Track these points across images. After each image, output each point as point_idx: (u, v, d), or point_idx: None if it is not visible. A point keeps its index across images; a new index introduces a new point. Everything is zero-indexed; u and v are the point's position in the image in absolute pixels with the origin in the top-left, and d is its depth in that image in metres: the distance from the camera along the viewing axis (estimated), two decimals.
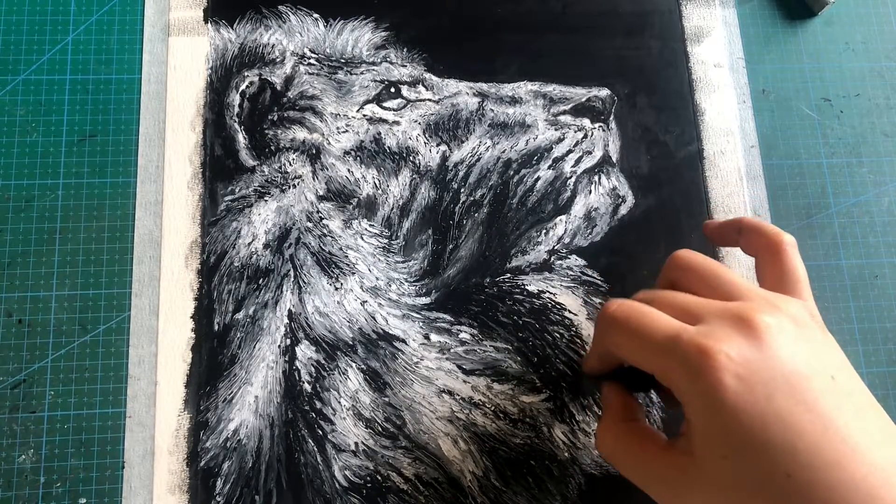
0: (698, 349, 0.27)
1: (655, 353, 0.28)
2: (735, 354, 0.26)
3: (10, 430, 0.37)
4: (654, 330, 0.28)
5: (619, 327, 0.30)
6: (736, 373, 0.26)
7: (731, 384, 0.26)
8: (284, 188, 0.41)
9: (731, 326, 0.27)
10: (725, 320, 0.28)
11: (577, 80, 0.44)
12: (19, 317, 0.39)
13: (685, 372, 0.27)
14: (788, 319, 0.28)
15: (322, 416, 0.38)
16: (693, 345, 0.27)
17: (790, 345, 0.27)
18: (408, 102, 0.43)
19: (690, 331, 0.27)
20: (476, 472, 0.37)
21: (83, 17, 0.44)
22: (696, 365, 0.26)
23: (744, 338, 0.27)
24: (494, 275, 0.41)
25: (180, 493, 0.36)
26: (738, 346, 0.27)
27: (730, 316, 0.28)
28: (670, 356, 0.27)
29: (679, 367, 0.27)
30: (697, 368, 0.26)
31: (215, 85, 0.43)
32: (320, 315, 0.39)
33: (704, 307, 0.29)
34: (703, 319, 0.28)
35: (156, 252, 0.40)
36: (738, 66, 0.46)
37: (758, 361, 0.26)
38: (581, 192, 0.42)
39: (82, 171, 0.41)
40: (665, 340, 0.28)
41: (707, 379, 0.26)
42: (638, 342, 0.29)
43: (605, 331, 0.31)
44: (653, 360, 0.29)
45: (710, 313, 0.28)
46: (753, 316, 0.27)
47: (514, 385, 0.39)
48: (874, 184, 0.45)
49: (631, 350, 0.30)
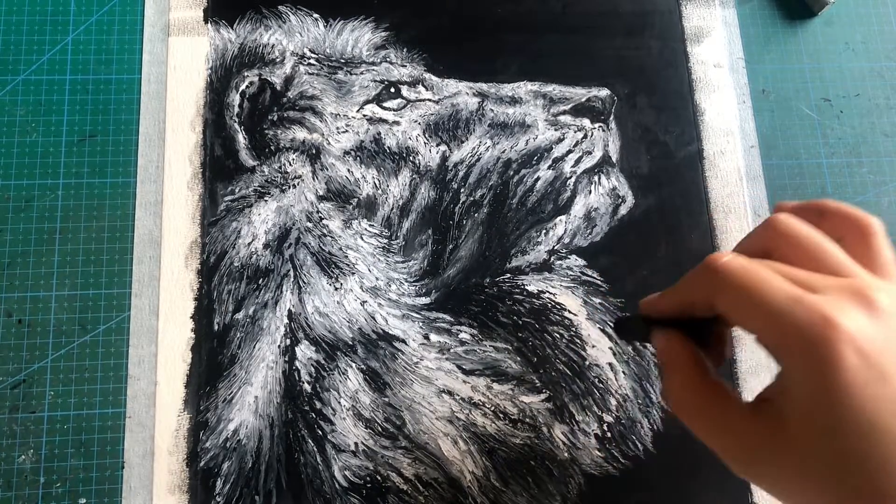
0: (822, 317, 0.25)
1: (770, 315, 0.26)
2: (858, 329, 0.25)
3: (10, 430, 0.37)
4: (773, 290, 0.27)
5: (731, 281, 0.28)
6: (857, 348, 0.25)
7: (851, 359, 0.25)
8: (284, 188, 0.41)
9: (852, 300, 0.26)
10: (845, 293, 0.26)
11: (577, 80, 0.44)
12: (19, 317, 0.39)
13: (802, 339, 0.26)
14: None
15: (322, 417, 0.38)
16: (817, 311, 0.25)
17: None
18: (408, 102, 0.43)
19: (812, 298, 0.26)
20: (476, 472, 0.37)
21: (83, 17, 0.44)
22: (817, 333, 0.25)
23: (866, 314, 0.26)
24: (494, 275, 0.41)
25: (180, 493, 0.36)
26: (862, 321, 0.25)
27: (850, 291, 0.26)
28: (787, 319, 0.26)
29: (796, 332, 0.26)
30: (818, 337, 0.25)
31: (215, 85, 0.43)
32: (320, 315, 0.39)
33: (819, 280, 0.27)
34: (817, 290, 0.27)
35: (156, 252, 0.40)
36: (738, 66, 0.46)
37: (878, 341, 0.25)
38: (581, 192, 0.42)
39: (82, 171, 0.41)
40: (786, 302, 0.26)
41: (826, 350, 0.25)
42: (751, 301, 0.27)
43: (711, 283, 0.29)
44: (765, 322, 0.27)
45: (826, 286, 0.27)
46: (874, 294, 0.26)
47: (514, 385, 0.39)
48: (874, 184, 0.45)
49: (741, 307, 0.28)
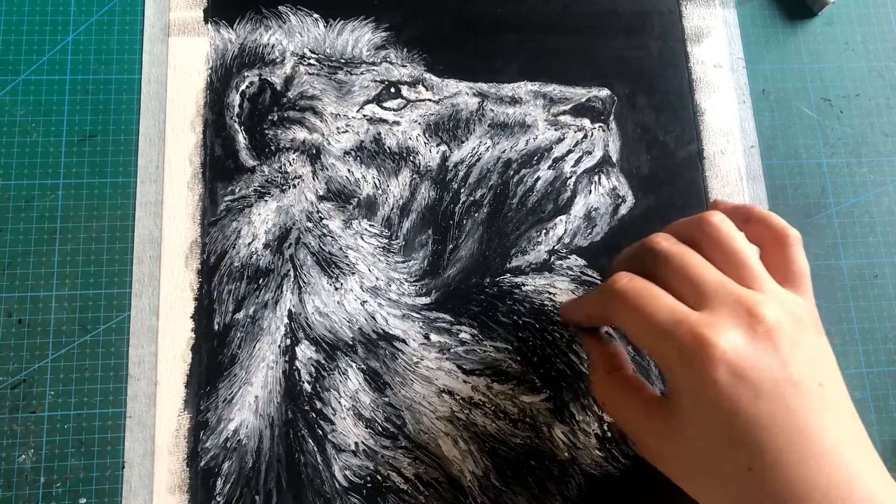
0: (696, 338, 0.27)
1: (654, 335, 0.29)
2: (732, 348, 0.27)
3: (10, 430, 0.37)
4: (657, 311, 0.29)
5: (624, 302, 0.30)
6: (729, 367, 0.27)
7: (722, 378, 0.26)
8: (284, 188, 0.41)
9: (735, 316, 0.28)
10: (733, 308, 0.28)
11: (577, 80, 0.44)
12: (19, 317, 0.39)
13: (679, 357, 0.27)
14: (791, 319, 0.28)
15: (322, 416, 0.38)
16: (692, 333, 0.27)
17: (788, 348, 0.27)
18: (408, 102, 0.43)
19: (693, 318, 0.28)
20: (476, 472, 0.37)
21: (83, 17, 0.44)
22: (691, 353, 0.27)
23: (746, 332, 0.27)
24: (494, 275, 0.41)
25: (180, 493, 0.36)
26: (738, 341, 0.27)
27: (739, 306, 0.28)
28: (668, 340, 0.28)
29: (674, 351, 0.28)
30: (692, 357, 0.27)
31: (215, 85, 0.43)
32: (320, 315, 0.39)
33: (717, 289, 0.29)
34: (710, 305, 0.28)
35: (156, 252, 0.40)
36: (738, 66, 0.46)
37: (753, 360, 0.27)
38: (581, 192, 0.42)
39: (82, 171, 0.41)
40: (667, 324, 0.28)
41: (699, 368, 0.27)
42: (640, 321, 0.29)
43: (609, 301, 0.31)
44: (651, 341, 0.29)
45: (719, 299, 0.28)
46: (761, 311, 0.28)
47: (514, 385, 0.39)
48: (874, 184, 0.45)
49: (631, 326, 0.30)
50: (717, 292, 0.29)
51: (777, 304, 0.28)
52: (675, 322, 0.28)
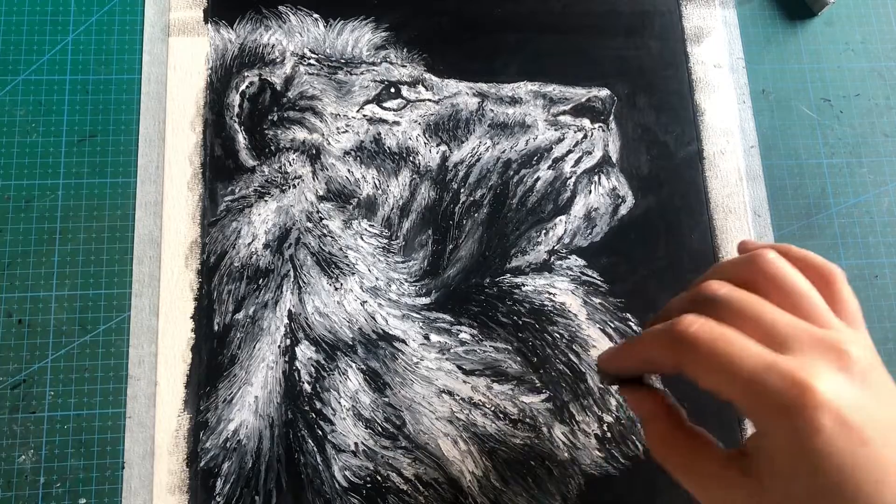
0: (797, 384, 0.25)
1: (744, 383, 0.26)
2: (834, 393, 0.25)
3: (10, 430, 0.37)
4: (742, 357, 0.26)
5: (701, 349, 0.27)
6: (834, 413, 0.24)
7: (828, 425, 0.24)
8: (284, 188, 0.41)
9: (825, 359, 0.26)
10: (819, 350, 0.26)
11: (577, 80, 0.44)
12: (19, 317, 0.39)
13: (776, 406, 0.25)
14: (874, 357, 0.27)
15: (322, 417, 0.38)
16: (791, 379, 0.25)
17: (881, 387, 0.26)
18: (408, 103, 0.43)
19: (784, 363, 0.25)
20: (476, 473, 0.37)
21: (83, 17, 0.44)
22: (790, 400, 0.25)
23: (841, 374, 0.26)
24: (494, 275, 0.41)
25: (180, 493, 0.36)
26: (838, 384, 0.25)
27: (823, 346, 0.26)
28: (761, 387, 0.25)
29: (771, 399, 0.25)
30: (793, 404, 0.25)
31: (215, 85, 0.43)
32: (320, 315, 0.39)
33: (794, 332, 0.27)
34: (792, 347, 0.26)
35: (156, 252, 0.40)
36: (738, 67, 0.46)
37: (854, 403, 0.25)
38: (581, 192, 0.42)
39: (82, 171, 0.41)
40: (756, 371, 0.26)
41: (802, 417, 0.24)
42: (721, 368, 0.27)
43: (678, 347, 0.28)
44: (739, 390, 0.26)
45: (801, 341, 0.26)
46: (850, 350, 0.26)
47: (514, 385, 0.39)
48: (874, 184, 0.45)
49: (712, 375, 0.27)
50: (795, 335, 0.27)
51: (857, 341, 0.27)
52: (765, 367, 0.25)
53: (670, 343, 0.29)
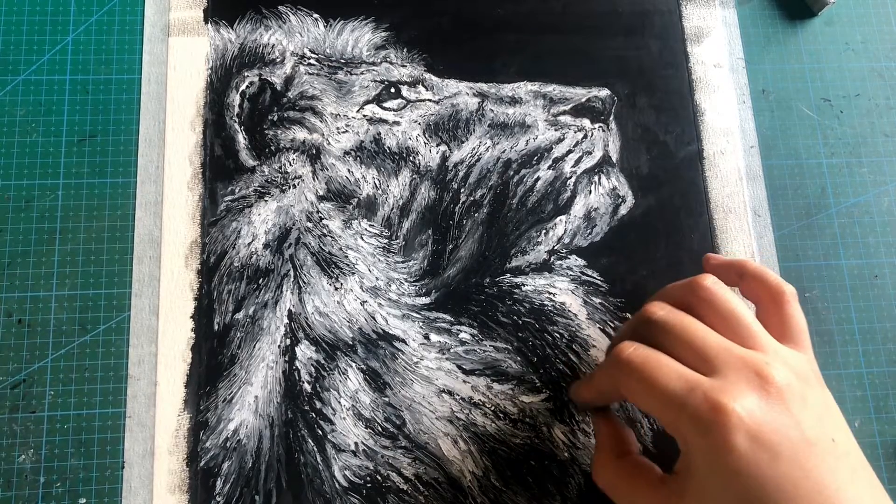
0: (712, 405, 0.26)
1: (667, 404, 0.28)
2: (748, 414, 0.26)
3: (10, 430, 0.37)
4: (668, 380, 0.28)
5: (632, 372, 0.29)
6: (747, 432, 0.26)
7: (741, 444, 0.26)
8: (284, 188, 0.41)
9: (746, 381, 0.27)
10: (742, 372, 0.28)
11: (577, 80, 0.44)
12: (19, 317, 0.39)
13: (695, 426, 0.27)
14: (797, 378, 0.28)
15: (322, 416, 0.38)
16: (707, 400, 0.27)
17: (799, 407, 0.27)
18: (408, 103, 0.43)
19: (705, 384, 0.27)
20: (476, 472, 0.37)
21: (83, 17, 0.44)
22: (707, 420, 0.26)
23: (759, 396, 0.27)
24: (494, 275, 0.41)
25: (180, 493, 0.36)
26: (753, 405, 0.27)
27: (747, 369, 0.28)
28: (682, 409, 0.27)
29: (689, 420, 0.27)
30: (708, 424, 0.26)
31: (215, 85, 0.43)
32: (320, 315, 0.39)
33: (722, 354, 0.28)
34: (718, 369, 0.28)
35: (156, 252, 0.40)
36: (738, 67, 0.46)
37: (769, 423, 0.26)
38: (581, 192, 0.42)
39: (82, 172, 0.41)
40: (679, 392, 0.28)
41: (717, 436, 0.26)
42: (650, 390, 0.29)
43: (617, 373, 0.30)
44: (663, 410, 0.28)
45: (726, 362, 0.28)
46: (770, 373, 0.27)
47: (514, 385, 0.39)
48: (874, 184, 0.45)
49: (642, 396, 0.29)
50: (721, 356, 0.28)
51: (783, 364, 0.28)
52: (688, 389, 0.27)
53: (612, 367, 0.31)
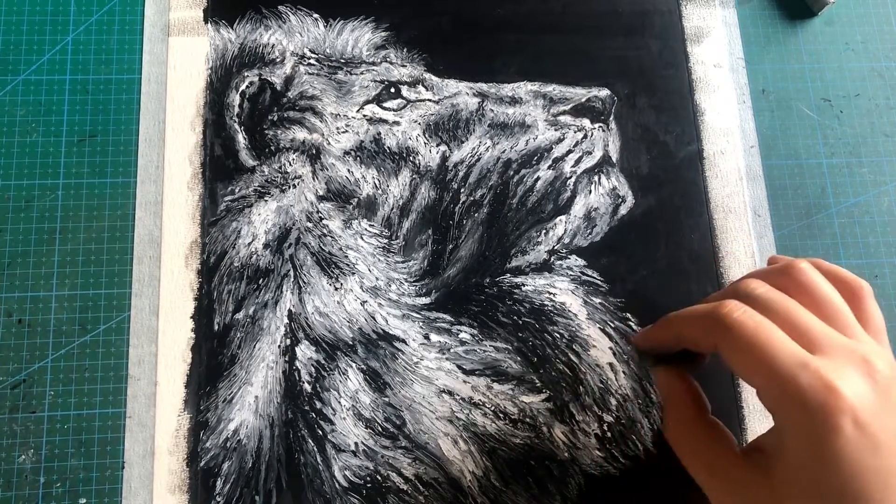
0: (825, 384, 0.26)
1: (775, 376, 0.27)
2: (858, 399, 0.26)
3: (10, 430, 0.37)
4: (781, 352, 0.27)
5: (741, 336, 0.28)
6: (855, 417, 0.25)
7: (848, 428, 0.25)
8: (284, 188, 0.41)
9: (855, 367, 0.27)
10: (849, 357, 0.27)
11: (577, 80, 0.44)
12: (19, 317, 0.39)
13: (803, 404, 0.26)
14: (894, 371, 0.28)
15: (322, 416, 0.38)
16: (820, 379, 0.26)
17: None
18: (408, 103, 0.43)
19: (818, 362, 0.27)
20: (476, 472, 0.37)
21: (83, 17, 0.44)
22: (819, 400, 0.26)
23: (867, 383, 0.26)
24: (494, 275, 0.41)
25: (180, 493, 0.36)
26: (863, 391, 0.26)
27: (853, 355, 0.27)
28: (792, 384, 0.26)
29: (798, 396, 0.26)
30: (820, 405, 0.26)
31: (215, 85, 0.43)
32: (320, 315, 0.39)
33: (828, 339, 0.28)
34: (824, 350, 0.27)
35: (156, 252, 0.40)
36: (738, 66, 0.46)
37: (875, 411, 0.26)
38: (581, 192, 0.42)
39: (82, 171, 0.41)
40: (791, 366, 0.27)
41: (826, 417, 0.25)
42: (760, 358, 0.27)
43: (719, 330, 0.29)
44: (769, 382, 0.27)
45: (832, 346, 0.27)
46: (876, 362, 0.27)
47: (514, 385, 0.39)
48: (874, 184, 0.45)
49: (745, 362, 0.28)
50: (827, 340, 0.28)
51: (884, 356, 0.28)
52: (801, 365, 0.26)
53: (713, 324, 0.29)
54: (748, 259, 0.42)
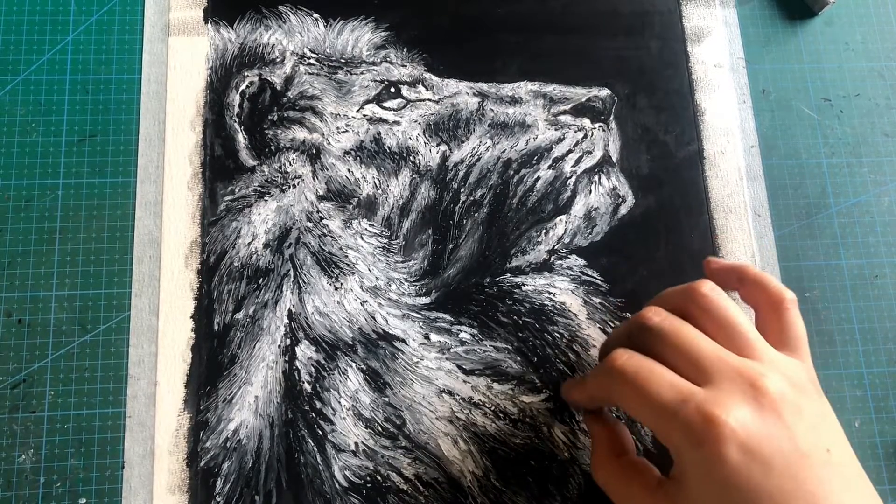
0: (705, 417, 0.26)
1: (660, 414, 0.28)
2: (741, 426, 0.26)
3: (10, 430, 0.37)
4: (661, 390, 0.28)
5: (625, 381, 0.29)
6: (739, 445, 0.26)
7: (733, 456, 0.26)
8: (284, 188, 0.41)
9: (740, 392, 0.27)
10: (735, 383, 0.27)
11: (577, 80, 0.44)
12: (19, 317, 0.39)
13: (687, 437, 0.27)
14: (792, 387, 0.28)
15: (322, 416, 0.38)
16: (700, 412, 0.27)
17: (792, 418, 0.27)
18: (408, 102, 0.43)
19: (698, 396, 0.27)
20: (476, 472, 0.37)
21: (83, 17, 0.44)
22: (700, 432, 0.26)
23: (752, 407, 0.27)
24: (494, 275, 0.41)
25: (180, 493, 0.36)
26: (746, 417, 0.26)
27: (741, 379, 0.27)
28: (674, 419, 0.27)
29: (682, 431, 0.27)
30: (701, 436, 0.26)
31: (215, 85, 0.43)
32: (320, 315, 0.39)
33: (717, 363, 0.28)
34: (712, 379, 0.28)
35: (156, 252, 0.40)
36: (738, 66, 0.46)
37: (762, 435, 0.26)
38: (581, 192, 0.42)
39: (82, 171, 0.41)
40: (671, 403, 0.27)
41: (710, 448, 0.26)
42: (643, 400, 0.28)
43: (609, 380, 0.30)
44: (656, 420, 0.28)
45: (720, 372, 0.28)
46: (764, 383, 0.27)
47: (514, 385, 0.39)
48: (874, 184, 0.45)
49: (634, 405, 0.29)
50: (716, 366, 0.28)
51: (778, 374, 0.28)
52: (681, 400, 0.27)
53: (605, 374, 0.31)
54: (748, 259, 0.42)
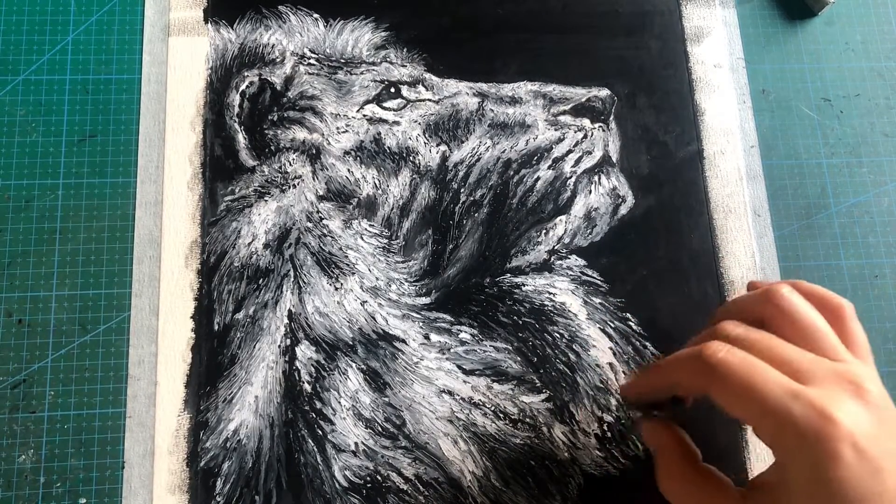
0: (821, 413, 0.26)
1: (768, 412, 0.27)
2: (855, 424, 0.25)
3: (10, 430, 0.37)
4: (770, 386, 0.27)
5: (729, 376, 0.28)
6: (854, 443, 0.25)
7: (847, 455, 0.25)
8: (284, 188, 0.41)
9: (845, 391, 0.27)
10: (837, 383, 0.27)
11: (577, 80, 0.44)
12: (19, 317, 0.39)
13: (800, 435, 0.26)
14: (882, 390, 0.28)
15: (322, 416, 0.38)
16: (814, 407, 0.26)
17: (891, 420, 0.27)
18: (408, 102, 0.43)
19: (809, 392, 0.26)
20: (476, 472, 0.37)
21: (83, 17, 0.44)
22: (816, 429, 0.25)
23: (861, 406, 0.26)
24: (494, 275, 0.41)
25: (180, 493, 0.36)
26: (856, 415, 0.26)
27: (842, 380, 0.27)
28: (786, 417, 0.26)
29: (794, 428, 0.26)
30: (816, 433, 0.25)
31: (215, 85, 0.43)
32: (320, 315, 0.39)
33: (814, 367, 0.28)
34: (812, 379, 0.27)
35: (156, 252, 0.40)
36: (738, 66, 0.46)
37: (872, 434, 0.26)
38: (581, 192, 0.42)
39: (82, 171, 0.41)
40: (782, 399, 0.26)
41: (825, 446, 0.25)
42: (749, 396, 0.27)
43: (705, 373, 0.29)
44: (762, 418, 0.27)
45: (819, 374, 0.27)
46: (865, 384, 0.27)
47: (514, 385, 0.39)
48: (874, 184, 0.45)
49: (738, 402, 0.28)
50: (813, 368, 0.27)
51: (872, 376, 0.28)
52: (792, 395, 0.26)
53: (699, 366, 0.29)
54: (748, 259, 0.42)
